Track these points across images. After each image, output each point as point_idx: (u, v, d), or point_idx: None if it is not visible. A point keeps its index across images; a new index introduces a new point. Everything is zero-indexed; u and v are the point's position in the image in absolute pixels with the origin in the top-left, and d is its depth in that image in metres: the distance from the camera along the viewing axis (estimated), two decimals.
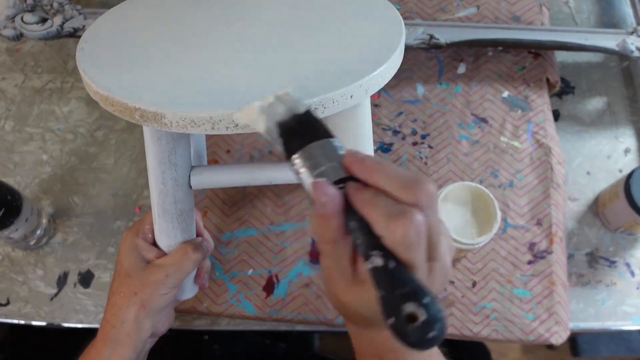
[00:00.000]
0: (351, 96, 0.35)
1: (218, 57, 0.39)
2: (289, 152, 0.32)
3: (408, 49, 0.68)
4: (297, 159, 0.31)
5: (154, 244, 0.50)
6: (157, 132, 0.41)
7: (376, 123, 0.69)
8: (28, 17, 0.66)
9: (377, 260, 0.29)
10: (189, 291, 0.56)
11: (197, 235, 0.52)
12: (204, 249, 0.50)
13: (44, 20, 0.66)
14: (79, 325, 0.63)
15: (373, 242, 0.30)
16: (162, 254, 0.49)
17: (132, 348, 0.45)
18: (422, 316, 0.27)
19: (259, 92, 0.33)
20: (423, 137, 0.68)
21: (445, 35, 0.67)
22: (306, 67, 0.37)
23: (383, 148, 0.68)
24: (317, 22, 0.42)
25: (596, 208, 0.68)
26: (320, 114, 0.34)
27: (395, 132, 0.69)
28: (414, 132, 0.68)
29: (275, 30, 0.41)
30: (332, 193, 0.30)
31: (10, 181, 0.68)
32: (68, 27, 0.66)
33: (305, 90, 0.34)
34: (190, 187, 0.46)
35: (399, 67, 0.40)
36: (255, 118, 0.32)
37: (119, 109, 0.35)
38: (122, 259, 0.47)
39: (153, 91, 0.36)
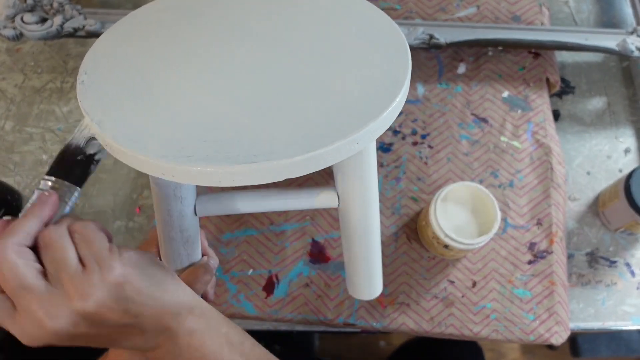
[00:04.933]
0: (357, 143, 0.34)
1: (222, 94, 0.38)
2: (50, 169, 0.39)
3: None
4: (42, 180, 0.39)
5: None
6: None
7: None
8: (28, 17, 0.66)
9: None
10: None
11: (203, 254, 0.52)
12: (212, 270, 0.50)
13: (43, 20, 0.66)
14: None
15: None
16: None
17: None
18: None
19: (264, 142, 0.34)
20: (423, 137, 0.68)
21: (445, 35, 0.67)
22: (311, 109, 0.36)
23: (383, 148, 0.68)
24: (320, 48, 0.41)
25: (596, 208, 0.68)
26: (323, 164, 0.34)
27: (395, 132, 0.69)
28: (414, 132, 0.68)
29: (278, 59, 0.40)
30: None
31: (10, 181, 0.68)
32: (68, 27, 0.66)
33: (312, 140, 0.34)
34: (196, 214, 0.46)
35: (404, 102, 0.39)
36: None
37: (123, 157, 0.35)
38: None
39: (159, 140, 0.35)
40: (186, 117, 0.36)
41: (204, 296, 0.56)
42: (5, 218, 0.36)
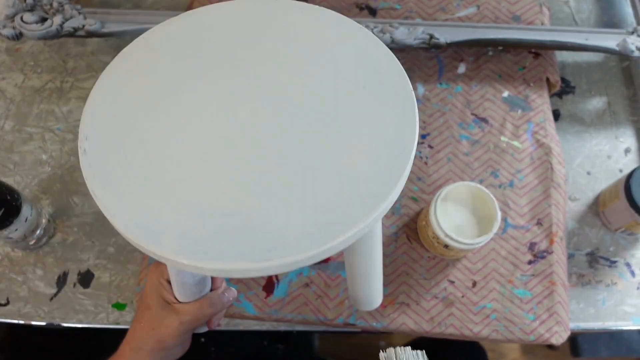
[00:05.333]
0: (367, 227, 0.34)
1: (228, 169, 0.36)
2: None
3: (408, 48, 0.68)
4: None
5: None
6: None
7: None
8: (28, 16, 0.66)
9: None
10: (201, 328, 0.57)
11: (215, 288, 0.53)
12: (221, 302, 0.52)
13: (43, 20, 0.66)
14: (79, 325, 0.63)
15: None
16: None
17: None
18: None
19: (276, 235, 0.33)
20: (423, 136, 0.68)
21: (445, 35, 0.67)
22: (319, 191, 0.35)
23: None
24: (325, 109, 0.39)
25: (596, 208, 0.67)
26: (334, 252, 0.34)
27: None
28: None
29: (283, 124, 0.38)
30: None
31: (10, 181, 0.68)
32: (68, 26, 0.66)
33: (323, 230, 0.33)
34: None
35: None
36: None
37: (136, 245, 0.35)
38: (147, 293, 0.50)
39: (171, 231, 0.34)
40: (195, 199, 0.35)
41: (208, 322, 0.56)
42: None
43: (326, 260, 0.62)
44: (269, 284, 0.62)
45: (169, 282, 0.51)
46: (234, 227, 0.34)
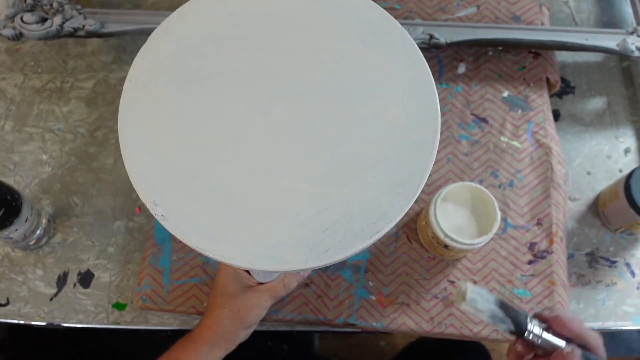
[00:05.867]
0: (431, 167, 0.37)
1: (300, 171, 0.37)
2: (523, 325, 0.43)
3: None
4: (535, 327, 0.43)
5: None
6: None
7: None
8: (27, 16, 0.66)
9: None
10: None
11: None
12: (300, 276, 0.57)
13: (43, 20, 0.66)
14: (79, 325, 0.63)
15: None
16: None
17: (226, 351, 0.55)
18: None
19: (371, 208, 0.36)
20: None
21: (445, 35, 0.67)
22: (384, 156, 0.37)
23: None
24: (345, 80, 0.39)
25: (596, 208, 0.67)
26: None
27: None
28: None
29: (316, 117, 0.39)
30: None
31: (10, 181, 0.68)
32: (68, 27, 0.66)
33: (405, 193, 0.36)
34: None
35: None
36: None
37: (266, 269, 0.37)
38: (227, 282, 0.55)
39: (293, 247, 0.36)
40: (289, 211, 0.37)
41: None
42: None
43: None
44: None
45: (245, 270, 0.54)
46: (335, 218, 0.36)
